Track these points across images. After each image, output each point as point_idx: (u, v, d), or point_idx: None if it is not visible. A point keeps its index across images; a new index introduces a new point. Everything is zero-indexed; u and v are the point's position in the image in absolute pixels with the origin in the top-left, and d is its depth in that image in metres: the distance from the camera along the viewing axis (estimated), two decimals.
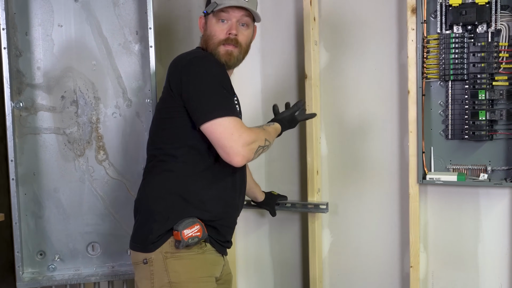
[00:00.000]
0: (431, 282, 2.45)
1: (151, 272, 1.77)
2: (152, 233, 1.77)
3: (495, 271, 2.34)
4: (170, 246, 1.76)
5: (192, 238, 1.75)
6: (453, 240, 2.39)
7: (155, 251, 1.77)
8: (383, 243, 2.52)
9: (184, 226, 1.75)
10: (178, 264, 1.76)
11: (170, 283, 1.75)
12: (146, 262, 1.77)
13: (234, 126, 1.72)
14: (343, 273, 2.61)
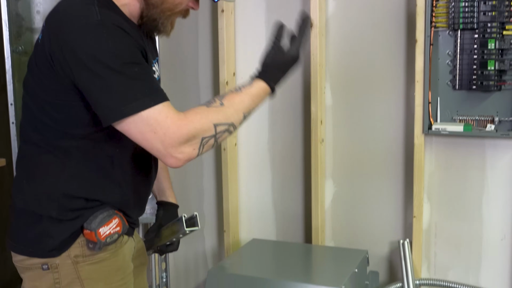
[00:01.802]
0: (434, 233, 2.45)
1: (55, 280, 1.40)
2: (53, 237, 1.39)
3: (499, 222, 2.34)
4: (80, 248, 1.41)
5: (111, 236, 1.40)
6: (458, 191, 2.39)
7: (61, 256, 1.40)
8: (386, 194, 2.51)
9: (99, 223, 1.38)
10: (94, 269, 1.42)
11: None
12: (47, 268, 1.40)
13: (156, 120, 1.26)
14: (346, 223, 2.61)
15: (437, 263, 2.46)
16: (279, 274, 2.23)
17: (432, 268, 2.47)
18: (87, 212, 1.41)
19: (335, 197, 2.61)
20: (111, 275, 1.46)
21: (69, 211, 1.40)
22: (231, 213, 2.71)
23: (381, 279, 2.54)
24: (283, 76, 1.47)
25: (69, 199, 1.40)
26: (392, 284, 2.44)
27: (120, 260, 1.48)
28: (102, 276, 1.44)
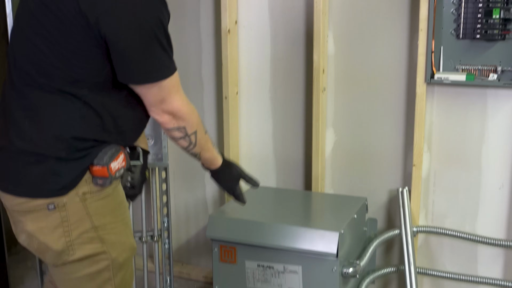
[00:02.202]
0: (433, 181, 2.48)
1: (62, 218, 1.43)
2: (62, 176, 1.42)
3: (498, 171, 2.36)
4: (87, 185, 1.44)
5: (119, 171, 1.48)
6: (458, 141, 2.40)
7: (68, 194, 1.43)
8: (387, 142, 2.53)
9: (110, 158, 1.44)
10: (101, 205, 1.48)
11: (94, 228, 1.46)
12: (54, 208, 1.42)
13: (169, 91, 1.46)
14: (345, 171, 2.63)
15: (435, 211, 2.50)
16: (279, 218, 2.27)
17: (430, 216, 2.51)
18: (95, 150, 1.44)
19: (336, 146, 2.63)
20: (115, 209, 1.53)
21: (78, 151, 1.43)
22: None
23: (379, 226, 2.58)
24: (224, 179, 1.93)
25: (78, 141, 1.43)
26: (390, 231, 2.48)
27: (121, 195, 1.56)
28: (108, 210, 1.50)
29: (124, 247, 1.55)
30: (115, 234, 1.52)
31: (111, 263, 1.51)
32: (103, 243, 1.49)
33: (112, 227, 1.51)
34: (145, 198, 2.51)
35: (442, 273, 2.48)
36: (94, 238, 1.47)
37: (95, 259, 1.49)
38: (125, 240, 1.55)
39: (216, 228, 2.25)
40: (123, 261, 1.54)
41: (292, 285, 2.18)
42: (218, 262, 2.28)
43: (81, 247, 1.46)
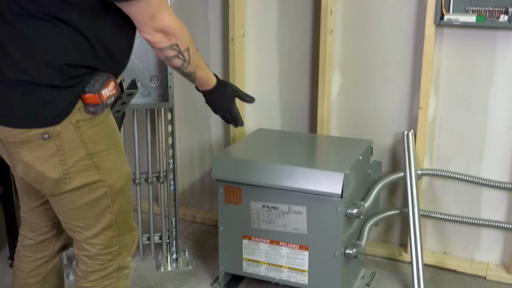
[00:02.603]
0: (439, 125, 2.47)
1: (58, 147, 1.45)
2: (55, 104, 1.43)
3: (504, 114, 2.35)
4: (80, 112, 1.46)
5: (110, 98, 1.50)
6: (465, 84, 2.38)
7: (62, 123, 1.44)
8: (393, 85, 2.51)
9: (101, 85, 1.46)
10: (94, 132, 1.49)
11: (89, 155, 1.49)
12: (48, 137, 1.43)
13: (158, 8, 1.44)
14: (351, 114, 2.63)
15: (440, 155, 2.50)
16: (285, 159, 2.28)
17: (435, 159, 2.52)
18: (86, 77, 1.46)
19: (342, 89, 2.61)
20: (109, 136, 1.55)
21: (70, 79, 1.44)
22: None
23: (384, 169, 2.59)
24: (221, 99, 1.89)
25: (71, 67, 1.43)
26: (394, 173, 2.49)
27: (113, 123, 1.58)
28: (101, 138, 1.52)
29: (120, 173, 1.57)
30: (110, 161, 1.54)
31: (108, 190, 1.54)
32: (99, 170, 1.51)
33: (107, 154, 1.53)
34: (150, 140, 2.52)
35: (445, 216, 2.51)
36: (89, 166, 1.50)
37: (93, 187, 1.52)
38: (120, 166, 1.57)
39: (222, 169, 2.26)
40: (120, 187, 1.57)
41: (297, 226, 2.20)
42: (223, 203, 2.30)
43: (77, 175, 1.49)
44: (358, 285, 2.43)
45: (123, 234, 1.63)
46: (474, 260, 2.56)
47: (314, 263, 2.22)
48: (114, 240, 1.60)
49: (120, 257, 1.63)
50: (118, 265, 1.63)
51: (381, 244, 2.72)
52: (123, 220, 1.62)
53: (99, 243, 1.58)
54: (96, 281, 1.61)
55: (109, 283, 1.63)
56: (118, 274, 1.64)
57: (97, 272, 1.61)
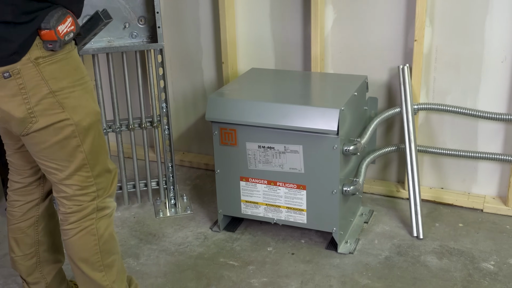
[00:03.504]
0: (434, 57, 2.43)
1: (19, 86, 1.44)
2: (11, 41, 1.41)
3: (501, 44, 2.31)
4: (39, 50, 1.44)
5: (68, 34, 1.46)
6: (461, 13, 2.32)
7: (21, 60, 1.43)
8: (388, 18, 2.45)
9: (56, 21, 1.42)
10: (56, 69, 1.47)
11: (52, 93, 1.47)
12: (9, 76, 1.43)
13: None
14: (345, 50, 2.57)
15: (436, 88, 2.47)
16: (279, 98, 2.24)
17: (431, 93, 2.48)
18: (42, 13, 1.42)
19: (335, 24, 2.55)
20: (71, 73, 1.51)
21: (24, 14, 1.40)
22: (229, 44, 2.66)
23: (380, 105, 2.56)
24: None
25: (23, 2, 1.39)
26: (391, 109, 2.46)
27: (77, 61, 1.54)
28: (64, 75, 1.49)
29: (86, 111, 1.55)
30: (75, 98, 1.52)
31: (76, 129, 1.53)
32: (64, 108, 1.50)
33: (71, 92, 1.51)
34: (142, 84, 2.47)
35: (442, 150, 2.49)
36: (53, 104, 1.48)
37: (59, 126, 1.51)
38: (86, 104, 1.55)
39: (216, 110, 2.22)
40: (88, 125, 1.56)
41: (294, 165, 2.19)
42: (218, 145, 2.28)
43: (42, 114, 1.48)
44: (357, 222, 2.44)
45: (99, 176, 1.62)
46: (471, 194, 2.57)
47: (312, 202, 2.22)
48: (90, 180, 1.60)
49: (98, 198, 1.63)
50: (96, 206, 1.63)
51: (379, 181, 2.72)
52: (96, 160, 1.61)
53: (74, 183, 1.59)
54: (75, 223, 1.62)
55: (89, 224, 1.63)
56: (98, 214, 1.65)
57: (76, 213, 1.62)
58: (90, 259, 1.66)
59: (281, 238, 2.36)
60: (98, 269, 1.68)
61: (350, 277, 2.10)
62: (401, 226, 2.41)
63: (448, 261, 2.16)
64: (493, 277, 2.07)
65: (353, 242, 2.29)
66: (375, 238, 2.34)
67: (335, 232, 2.22)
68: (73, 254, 1.66)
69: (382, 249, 2.26)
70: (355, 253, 2.24)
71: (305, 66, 2.67)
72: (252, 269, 2.16)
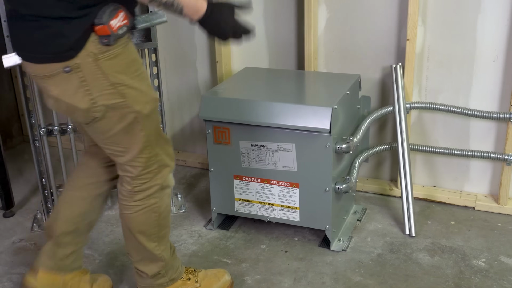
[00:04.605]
0: (427, 56, 2.45)
1: (80, 79, 1.52)
2: (66, 36, 1.48)
3: (492, 43, 2.33)
4: (95, 45, 1.50)
5: (121, 28, 1.52)
6: (453, 12, 2.34)
7: (79, 55, 1.50)
8: (380, 17, 2.47)
9: (109, 16, 1.49)
10: (114, 63, 1.55)
11: (112, 85, 1.55)
12: (70, 70, 1.51)
13: None
14: (338, 49, 2.59)
15: (428, 87, 2.49)
16: (272, 97, 2.26)
17: (423, 92, 2.50)
18: (95, 9, 1.48)
19: (328, 23, 2.56)
20: (129, 65, 1.60)
21: (78, 10, 1.47)
22: None
23: (372, 104, 2.58)
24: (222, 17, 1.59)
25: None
26: (383, 108, 2.48)
27: (132, 53, 1.62)
28: (122, 68, 1.57)
29: (146, 99, 1.64)
30: (134, 89, 1.60)
31: (137, 115, 1.62)
32: (125, 98, 1.59)
33: (130, 83, 1.59)
34: None
35: (435, 149, 2.51)
36: (114, 94, 1.57)
37: (122, 114, 1.60)
38: (144, 93, 1.64)
39: (209, 108, 2.24)
40: (148, 112, 1.65)
41: (287, 163, 2.20)
42: (212, 144, 2.29)
43: (105, 104, 1.57)
44: (350, 220, 2.46)
45: (159, 154, 1.73)
46: (463, 192, 2.59)
47: (305, 200, 2.23)
48: (152, 160, 1.71)
49: (160, 175, 1.74)
50: (160, 185, 1.75)
51: (372, 180, 2.74)
52: (157, 141, 1.71)
53: (138, 165, 1.69)
54: (141, 200, 1.74)
55: (154, 202, 1.76)
56: (161, 193, 1.77)
57: (142, 192, 1.73)
58: (147, 232, 1.80)
59: (274, 236, 2.37)
60: (152, 240, 1.82)
61: (343, 274, 2.12)
62: (393, 224, 2.43)
63: (439, 258, 2.18)
64: (484, 274, 2.09)
65: (346, 240, 2.31)
66: (368, 235, 2.35)
67: (328, 230, 2.23)
68: (132, 227, 1.79)
69: (374, 246, 2.28)
70: (348, 250, 2.26)
71: (298, 65, 2.69)
72: (245, 267, 2.18)
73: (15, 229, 2.51)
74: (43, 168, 2.44)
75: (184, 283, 1.94)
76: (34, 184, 2.88)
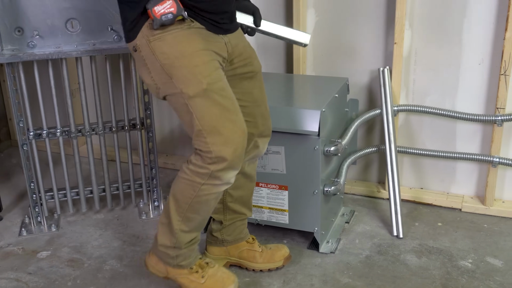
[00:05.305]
0: (414, 60, 2.47)
1: (142, 58, 1.73)
2: (128, 19, 1.71)
3: (478, 47, 2.36)
4: (148, 28, 1.69)
5: (166, 15, 1.65)
6: (440, 16, 2.37)
7: (138, 37, 1.71)
8: (368, 21, 2.49)
9: (154, 2, 1.64)
10: (163, 45, 1.69)
11: (162, 65, 1.70)
12: (136, 50, 1.73)
13: None
14: (327, 53, 2.61)
15: (415, 90, 2.51)
16: None
17: (410, 95, 2.53)
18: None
19: (317, 27, 2.58)
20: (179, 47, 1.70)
21: None
22: None
23: (360, 107, 2.60)
24: None
25: None
26: (371, 111, 2.50)
27: (186, 37, 1.71)
28: (170, 50, 1.69)
29: (191, 81, 1.70)
30: (181, 70, 1.70)
31: (185, 96, 1.70)
32: (172, 78, 1.70)
33: (177, 65, 1.70)
34: (125, 87, 2.48)
35: (422, 151, 2.54)
36: (165, 74, 1.71)
37: (174, 94, 1.72)
38: (192, 75, 1.70)
39: None
40: (193, 94, 1.70)
41: (276, 166, 2.22)
42: None
43: (161, 83, 1.73)
44: (338, 222, 2.47)
45: (216, 144, 1.72)
46: (450, 194, 2.61)
47: (294, 202, 2.25)
48: (207, 146, 1.72)
49: (214, 166, 1.73)
50: (210, 172, 1.74)
51: (360, 182, 2.76)
52: (211, 128, 1.72)
53: (197, 147, 1.75)
54: (190, 171, 1.78)
55: (197, 181, 1.77)
56: (208, 180, 1.77)
57: (196, 166, 1.76)
58: (179, 202, 1.84)
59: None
60: (179, 213, 1.85)
61: (332, 276, 2.13)
62: (381, 226, 2.45)
63: (427, 260, 2.21)
64: (471, 274, 2.12)
65: (334, 242, 2.33)
66: (356, 237, 2.37)
67: (316, 232, 2.25)
68: (172, 188, 1.86)
69: (363, 248, 2.29)
70: (336, 252, 2.27)
71: (287, 68, 2.70)
72: (234, 269, 2.18)
73: (3, 234, 2.50)
74: (31, 172, 2.43)
75: (190, 274, 1.95)
76: (23, 189, 2.86)
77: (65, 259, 2.31)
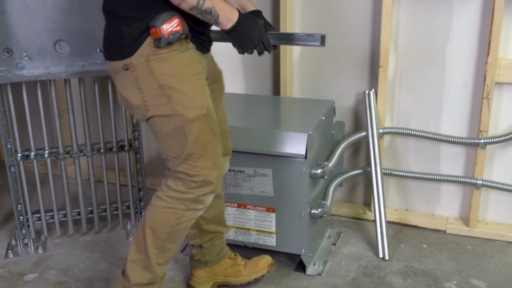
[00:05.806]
0: (399, 83, 2.51)
1: (135, 77, 1.66)
2: (125, 37, 1.64)
3: (462, 70, 2.40)
4: (149, 47, 1.64)
5: (173, 33, 1.63)
6: (423, 40, 2.42)
7: (134, 55, 1.64)
8: (354, 44, 2.53)
9: (162, 21, 1.60)
10: (164, 66, 1.65)
11: (160, 86, 1.66)
12: (128, 68, 1.66)
13: None
14: (313, 74, 2.65)
15: (401, 112, 2.55)
16: (249, 122, 2.29)
17: (396, 117, 2.56)
18: (152, 14, 1.62)
19: (303, 50, 2.62)
20: (180, 71, 1.69)
21: (141, 10, 1.62)
22: None
23: (346, 130, 2.63)
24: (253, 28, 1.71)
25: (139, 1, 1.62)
26: (357, 133, 2.53)
27: (186, 60, 1.70)
28: (171, 72, 1.67)
29: (191, 104, 1.69)
30: (181, 93, 1.67)
31: (182, 120, 1.68)
32: (170, 100, 1.67)
33: (177, 87, 1.67)
34: (113, 108, 2.49)
35: (407, 173, 2.57)
36: (162, 96, 1.66)
37: (168, 116, 1.68)
38: (191, 98, 1.69)
39: None
40: (192, 118, 1.69)
41: (263, 188, 2.23)
42: None
43: (153, 104, 1.68)
44: (325, 244, 2.49)
45: (205, 167, 1.73)
46: (434, 215, 2.64)
47: (281, 225, 2.26)
48: (196, 170, 1.72)
49: (200, 190, 1.74)
50: (196, 197, 1.75)
51: (346, 204, 2.78)
52: (203, 151, 1.73)
53: (183, 171, 1.73)
54: (171, 198, 1.76)
55: (181, 208, 1.76)
56: (191, 205, 1.77)
57: (178, 193, 1.75)
58: (157, 233, 1.79)
59: None
60: (156, 245, 1.81)
61: None
62: (367, 248, 2.46)
63: (412, 281, 2.22)
64: None
65: (321, 264, 2.34)
66: (343, 259, 2.38)
67: (303, 254, 2.26)
68: (148, 219, 1.80)
69: (349, 270, 2.31)
70: (323, 274, 2.28)
71: (274, 91, 2.73)
72: None
73: None
74: (18, 194, 2.42)
75: None
76: (9, 210, 2.85)
77: (52, 282, 2.29)
